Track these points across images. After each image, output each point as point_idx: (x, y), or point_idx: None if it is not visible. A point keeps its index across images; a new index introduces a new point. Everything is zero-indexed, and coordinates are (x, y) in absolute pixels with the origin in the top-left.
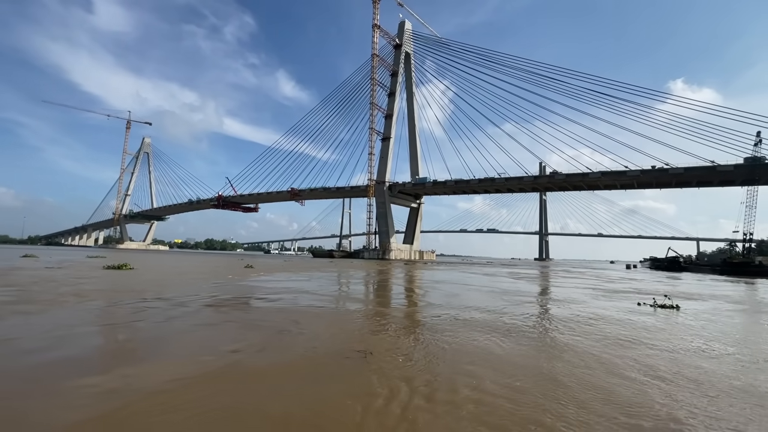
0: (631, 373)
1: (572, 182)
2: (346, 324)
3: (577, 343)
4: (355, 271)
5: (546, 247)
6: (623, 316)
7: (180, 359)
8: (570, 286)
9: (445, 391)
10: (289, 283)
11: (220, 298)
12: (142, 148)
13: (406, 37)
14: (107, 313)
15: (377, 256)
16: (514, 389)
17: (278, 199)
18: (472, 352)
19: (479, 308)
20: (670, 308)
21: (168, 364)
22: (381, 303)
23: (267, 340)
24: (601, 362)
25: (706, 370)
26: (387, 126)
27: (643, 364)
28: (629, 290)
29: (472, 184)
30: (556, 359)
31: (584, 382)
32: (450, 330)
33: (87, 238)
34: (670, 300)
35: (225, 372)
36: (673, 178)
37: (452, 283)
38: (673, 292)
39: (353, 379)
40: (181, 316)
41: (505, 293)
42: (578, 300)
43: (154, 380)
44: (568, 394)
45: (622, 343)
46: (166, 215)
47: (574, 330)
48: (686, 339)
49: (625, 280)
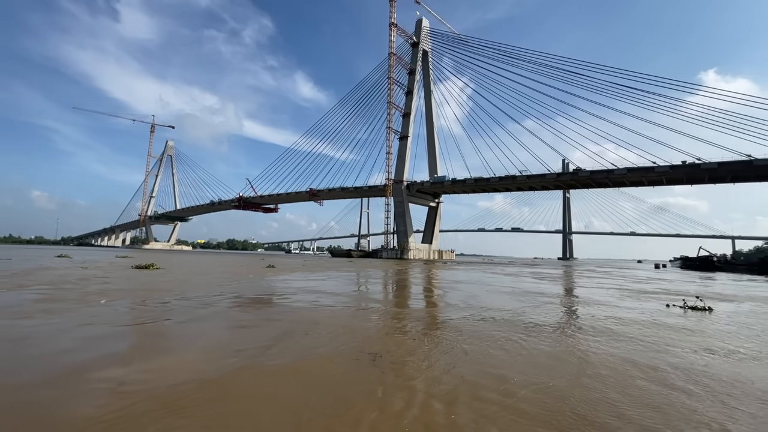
0: (676, 382)
1: (597, 179)
2: (361, 324)
3: (607, 348)
4: (373, 270)
5: (570, 246)
6: (651, 318)
7: (194, 359)
8: (595, 286)
9: (461, 399)
10: (308, 282)
11: (241, 297)
12: (165, 151)
13: (423, 34)
14: (133, 312)
15: (395, 255)
16: (544, 394)
17: (297, 200)
18: (493, 356)
19: (500, 309)
20: (702, 310)
21: (181, 362)
22: (398, 303)
23: (278, 341)
24: (637, 367)
25: (741, 377)
26: (404, 125)
27: (682, 369)
28: (658, 291)
29: (492, 183)
30: (586, 370)
31: (626, 392)
32: (469, 332)
33: (115, 239)
34: (702, 301)
35: (231, 376)
36: (705, 174)
37: (472, 283)
38: (706, 293)
39: (358, 384)
40: (202, 317)
41: (527, 294)
42: (604, 301)
43: (163, 380)
44: (612, 410)
45: (652, 346)
46: (189, 216)
47: (601, 332)
48: (720, 343)
49: (654, 281)
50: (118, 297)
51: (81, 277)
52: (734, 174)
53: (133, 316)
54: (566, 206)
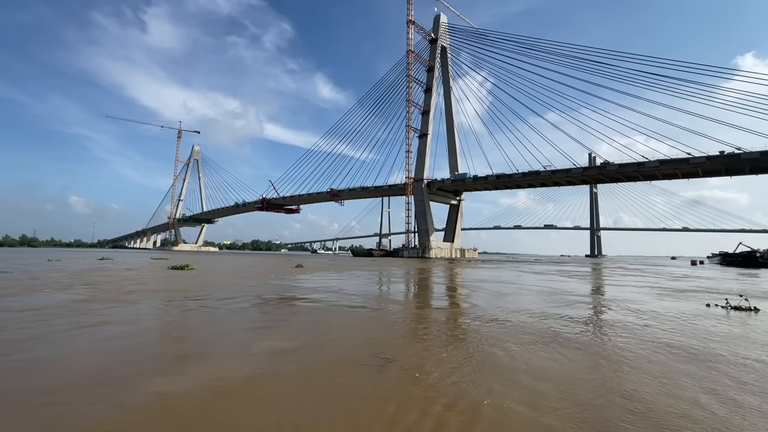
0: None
1: (626, 173)
2: (380, 326)
3: (644, 353)
4: (395, 269)
5: (598, 242)
6: (691, 320)
7: (206, 364)
8: (628, 284)
9: (483, 412)
10: (331, 282)
11: (266, 297)
12: (192, 155)
13: (441, 30)
14: (164, 310)
15: (417, 254)
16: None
17: (318, 200)
18: (516, 363)
19: (528, 311)
20: (747, 310)
21: (195, 368)
22: (419, 304)
23: (291, 343)
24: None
25: None
26: (424, 122)
27: (734, 379)
28: (697, 289)
29: (515, 179)
30: (626, 380)
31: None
32: (494, 335)
33: (147, 241)
34: (747, 301)
35: (241, 383)
36: (746, 164)
37: (497, 282)
38: (750, 292)
39: (367, 392)
40: (226, 315)
41: (556, 293)
42: (638, 300)
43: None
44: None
45: (691, 352)
46: (215, 218)
47: (637, 336)
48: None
49: (692, 278)
50: (169, 295)
51: (127, 277)
52: None
53: (158, 316)
54: (594, 201)
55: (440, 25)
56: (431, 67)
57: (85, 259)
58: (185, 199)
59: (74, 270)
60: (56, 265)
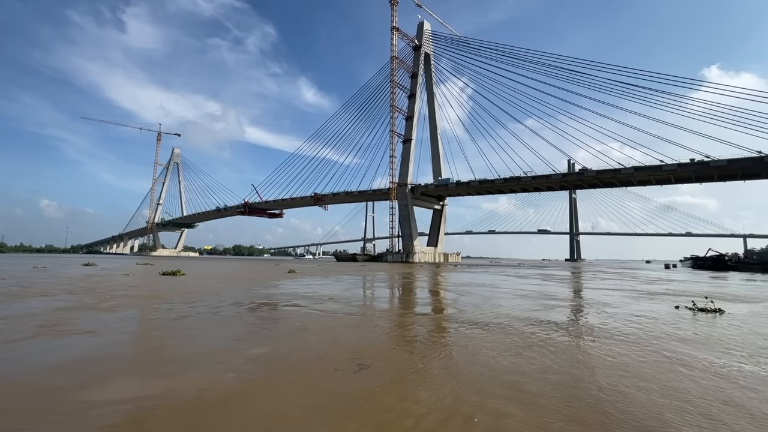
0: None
1: (603, 179)
2: (363, 331)
3: (625, 360)
4: (379, 274)
5: (577, 247)
6: (662, 323)
7: (176, 373)
8: (607, 288)
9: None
10: (319, 287)
11: (255, 302)
12: (172, 158)
13: (425, 37)
14: (145, 317)
15: (401, 259)
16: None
17: (302, 204)
18: (501, 369)
19: (510, 315)
20: (712, 312)
21: (171, 376)
22: (402, 309)
23: (271, 349)
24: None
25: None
26: (408, 128)
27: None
28: (669, 292)
29: (497, 184)
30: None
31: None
32: (476, 340)
33: (123, 246)
34: (713, 303)
35: (207, 394)
36: (715, 171)
37: (480, 285)
38: (717, 294)
39: (338, 398)
40: (208, 323)
41: (541, 296)
42: (617, 303)
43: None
44: None
45: (663, 355)
46: (195, 223)
47: (619, 340)
48: (728, 350)
49: (665, 281)
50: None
51: (126, 284)
52: (745, 171)
53: (136, 323)
54: (573, 207)
55: (424, 33)
56: (415, 73)
57: (71, 265)
58: (164, 203)
59: (72, 276)
60: (51, 271)
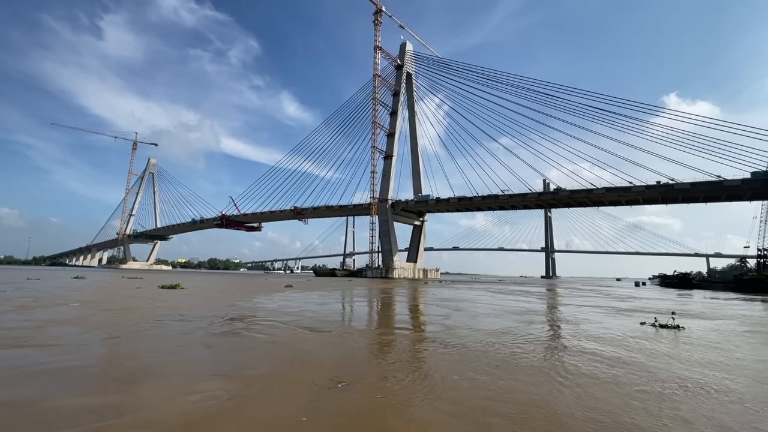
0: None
1: (577, 198)
2: (338, 349)
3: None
4: (359, 289)
5: (553, 264)
6: (628, 338)
7: (153, 393)
8: (581, 305)
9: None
10: (299, 303)
11: (237, 316)
12: (147, 168)
13: (407, 57)
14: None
15: (380, 274)
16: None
17: (281, 218)
18: (476, 388)
19: (488, 330)
20: (674, 328)
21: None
22: (381, 325)
23: (247, 365)
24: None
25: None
26: (389, 144)
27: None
28: (638, 309)
29: (475, 201)
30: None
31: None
32: (454, 363)
33: (91, 259)
34: (674, 320)
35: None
36: (679, 194)
37: (459, 300)
38: (681, 311)
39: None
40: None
41: (525, 312)
42: (591, 320)
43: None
44: None
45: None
46: (169, 235)
47: (595, 358)
48: (683, 366)
49: (635, 299)
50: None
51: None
52: (706, 194)
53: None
54: (548, 225)
55: (406, 53)
56: (397, 91)
57: (61, 278)
58: (137, 214)
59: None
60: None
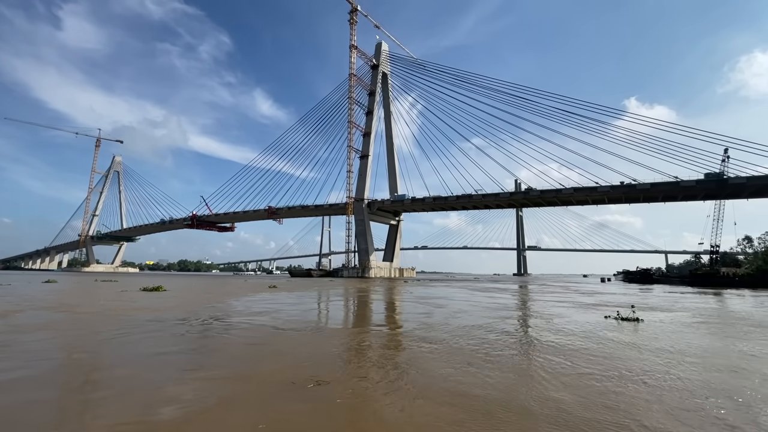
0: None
1: (546, 198)
2: (314, 348)
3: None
4: (335, 289)
5: (524, 262)
6: (593, 331)
7: (132, 398)
8: (551, 300)
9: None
10: (274, 304)
11: (220, 318)
12: (112, 166)
13: (382, 57)
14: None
15: (357, 274)
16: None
17: (255, 218)
18: (450, 388)
19: (467, 326)
20: (634, 321)
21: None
22: (358, 325)
23: (229, 366)
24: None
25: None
26: (365, 144)
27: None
28: (602, 303)
29: (450, 201)
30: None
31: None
32: (428, 353)
33: (49, 262)
34: (634, 313)
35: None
36: (641, 194)
37: (436, 297)
38: (641, 305)
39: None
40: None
41: (501, 308)
42: (563, 315)
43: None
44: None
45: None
46: (136, 236)
47: (560, 353)
48: (639, 357)
49: (600, 294)
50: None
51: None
52: (665, 194)
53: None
54: (520, 224)
55: (381, 53)
56: (372, 91)
57: (31, 283)
58: (101, 214)
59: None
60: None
